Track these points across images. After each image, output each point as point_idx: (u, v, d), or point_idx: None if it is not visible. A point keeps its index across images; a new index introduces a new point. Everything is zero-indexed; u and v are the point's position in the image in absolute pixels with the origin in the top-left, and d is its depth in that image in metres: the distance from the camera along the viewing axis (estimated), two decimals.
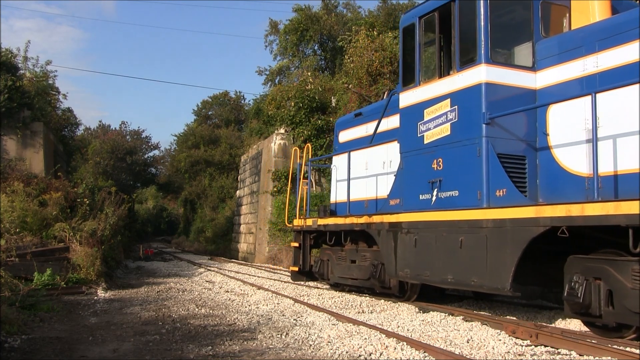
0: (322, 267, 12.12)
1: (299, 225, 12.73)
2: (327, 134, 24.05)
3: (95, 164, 37.25)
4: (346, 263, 11.29)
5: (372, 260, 10.33)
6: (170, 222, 71.31)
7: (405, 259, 8.94)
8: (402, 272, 9.03)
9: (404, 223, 9.00)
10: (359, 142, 11.87)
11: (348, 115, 13.74)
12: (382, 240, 9.63)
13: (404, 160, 9.29)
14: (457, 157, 8.12)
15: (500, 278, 7.10)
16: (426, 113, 8.77)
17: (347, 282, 11.35)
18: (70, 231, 13.57)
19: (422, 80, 9.00)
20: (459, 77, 8.19)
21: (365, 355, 5.93)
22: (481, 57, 7.84)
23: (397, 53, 20.56)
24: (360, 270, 10.73)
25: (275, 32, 32.78)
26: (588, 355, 5.89)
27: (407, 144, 9.25)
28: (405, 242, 8.94)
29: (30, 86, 21.29)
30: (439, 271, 8.16)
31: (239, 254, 29.93)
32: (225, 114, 52.30)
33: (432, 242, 8.32)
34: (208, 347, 6.33)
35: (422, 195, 8.76)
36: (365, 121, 11.94)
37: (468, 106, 7.98)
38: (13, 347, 6.33)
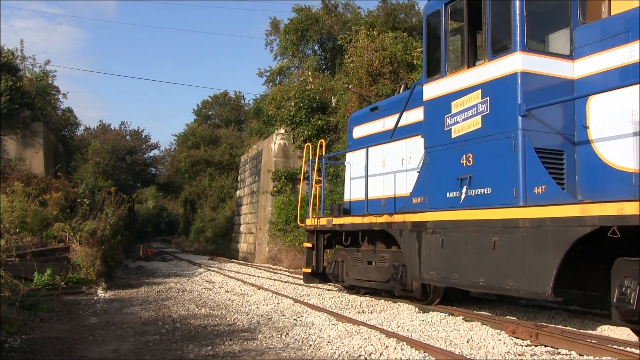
0: (337, 268, 11.62)
1: (312, 224, 12.19)
2: (327, 134, 24.04)
3: (96, 164, 37.26)
4: (362, 264, 10.82)
5: (392, 261, 9.86)
6: (170, 222, 71.34)
7: (430, 260, 8.43)
8: (427, 275, 8.49)
9: (429, 222, 8.49)
10: (375, 137, 11.29)
11: (363, 110, 13.07)
12: (404, 241, 9.11)
13: (429, 155, 8.75)
14: (490, 151, 7.62)
15: (540, 282, 6.60)
16: (453, 105, 8.25)
17: (364, 285, 10.91)
18: (70, 231, 13.58)
19: (448, 70, 8.49)
20: (490, 67, 7.69)
21: (365, 355, 5.93)
22: (516, 44, 7.33)
23: (397, 53, 20.59)
24: (378, 272, 10.28)
25: (275, 32, 32.78)
26: (588, 355, 5.89)
27: (432, 139, 8.71)
28: (431, 243, 8.42)
29: (30, 86, 21.31)
30: (468, 274, 7.65)
31: (239, 254, 29.93)
32: (225, 114, 52.31)
33: (461, 242, 7.80)
34: (208, 347, 6.33)
35: (449, 193, 8.22)
36: (382, 115, 11.35)
37: (501, 97, 7.50)
38: (13, 347, 6.33)
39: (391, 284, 9.88)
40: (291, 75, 31.70)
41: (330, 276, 11.84)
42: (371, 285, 10.65)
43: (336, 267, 11.61)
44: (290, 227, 23.17)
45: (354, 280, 11.13)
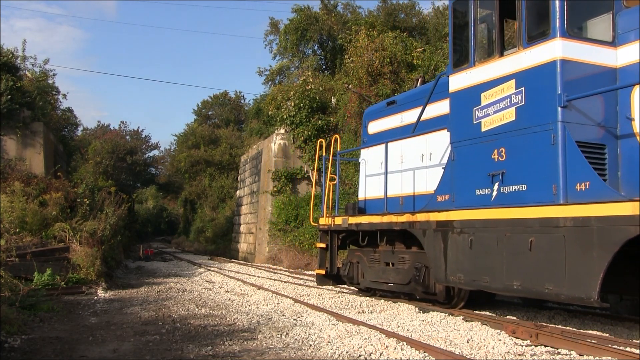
0: (352, 270, 11.11)
1: (326, 224, 11.63)
2: (327, 134, 24.03)
3: (96, 164, 37.24)
4: (380, 266, 10.31)
5: (413, 263, 9.37)
6: (170, 222, 71.35)
7: (458, 262, 7.91)
8: (453, 277, 7.98)
9: (457, 222, 8.00)
10: (393, 132, 10.77)
11: (379, 104, 12.59)
12: (428, 241, 8.59)
13: (456, 150, 8.24)
14: (525, 145, 7.13)
15: (584, 286, 6.12)
16: (484, 97, 7.79)
17: (381, 287, 10.45)
18: (70, 231, 13.58)
19: (477, 60, 8.00)
20: (526, 55, 7.23)
21: (365, 355, 5.93)
22: (556, 30, 6.86)
23: (397, 53, 20.60)
24: (397, 274, 9.80)
25: (275, 32, 32.78)
26: (588, 355, 5.89)
27: (460, 133, 8.20)
28: (458, 243, 7.92)
29: (31, 86, 21.31)
30: (501, 277, 7.16)
31: (239, 254, 29.93)
32: (225, 114, 52.32)
33: (493, 243, 7.31)
34: (208, 347, 6.33)
35: (479, 190, 7.74)
36: (400, 110, 10.82)
37: (538, 87, 7.02)
38: (13, 347, 6.33)
39: (412, 286, 9.42)
40: (291, 75, 31.70)
41: (344, 278, 11.38)
42: (389, 288, 10.17)
43: (351, 268, 11.13)
44: (290, 227, 23.18)
45: (371, 283, 10.67)
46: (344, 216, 11.11)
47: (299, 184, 24.83)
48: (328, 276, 11.64)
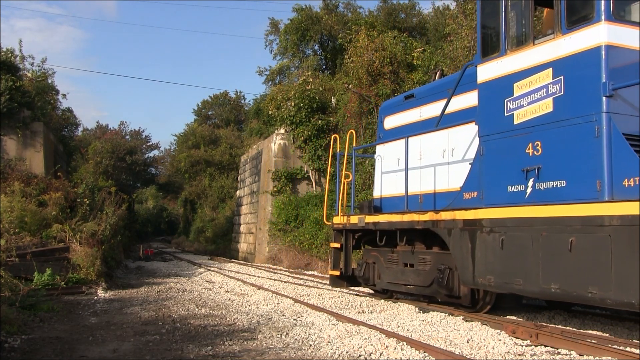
0: (367, 270, 10.64)
1: (341, 223, 11.09)
2: (326, 134, 24.05)
3: (96, 164, 37.28)
4: (398, 267, 9.84)
5: (435, 264, 8.92)
6: (170, 222, 71.39)
7: (487, 263, 7.44)
8: (482, 280, 7.50)
9: (486, 220, 7.52)
10: (411, 127, 10.27)
11: (396, 98, 12.03)
12: (454, 242, 8.12)
13: (485, 145, 7.75)
14: (564, 138, 6.67)
15: (634, 290, 5.69)
16: (516, 87, 7.32)
17: (399, 289, 9.99)
18: (70, 231, 13.58)
19: (509, 48, 7.52)
20: (565, 41, 6.74)
21: (365, 355, 5.93)
22: (600, 13, 6.39)
23: (397, 53, 20.57)
24: (418, 276, 9.32)
25: (275, 32, 32.79)
26: (588, 355, 5.89)
27: (489, 126, 7.71)
28: (488, 244, 7.45)
29: (30, 86, 21.31)
30: (536, 279, 6.70)
31: (239, 254, 29.94)
32: (225, 114, 52.35)
33: (527, 243, 6.86)
34: (208, 347, 6.33)
35: (511, 187, 7.27)
36: (420, 104, 10.32)
37: (580, 76, 6.55)
38: (13, 347, 6.33)
39: (434, 288, 8.95)
40: (291, 75, 31.72)
41: (360, 279, 10.91)
42: (409, 290, 9.73)
43: (367, 269, 10.67)
44: (290, 227, 23.19)
45: (388, 284, 10.21)
46: (360, 215, 10.60)
47: (299, 184, 24.84)
48: (342, 277, 11.16)
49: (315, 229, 21.29)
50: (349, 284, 11.34)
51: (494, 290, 7.88)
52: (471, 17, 17.60)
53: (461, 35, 17.61)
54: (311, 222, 21.66)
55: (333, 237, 11.44)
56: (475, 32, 16.90)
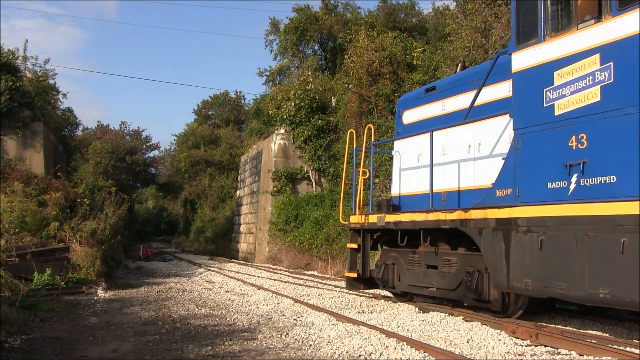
0: (386, 272, 10.12)
1: (359, 222, 10.56)
2: (326, 133, 24.06)
3: (96, 164, 37.27)
4: (420, 269, 9.34)
5: (461, 266, 8.43)
6: (170, 222, 71.40)
7: (524, 266, 6.93)
8: (518, 283, 6.99)
9: (522, 219, 7.03)
10: (432, 122, 9.78)
11: (416, 91, 11.47)
12: (485, 242, 7.59)
13: (522, 138, 7.23)
14: (614, 130, 6.17)
15: None
16: (557, 76, 6.80)
17: (421, 292, 9.48)
18: (70, 231, 13.59)
19: (548, 33, 6.99)
20: (616, 24, 6.24)
21: (365, 355, 5.93)
22: None
23: (396, 53, 20.57)
24: (443, 278, 8.81)
25: (275, 32, 32.82)
26: (588, 355, 5.89)
27: (526, 118, 7.19)
28: (524, 244, 6.94)
29: (31, 86, 21.31)
30: (582, 283, 6.23)
31: (239, 254, 29.95)
32: (226, 114, 52.39)
33: (571, 244, 6.37)
34: (208, 347, 6.33)
35: (551, 183, 6.76)
36: (442, 97, 9.82)
37: (633, 61, 6.03)
38: (13, 347, 6.33)
39: (460, 292, 8.45)
40: (291, 75, 31.74)
41: (378, 281, 10.37)
42: (432, 293, 9.22)
43: (386, 270, 10.14)
44: (290, 227, 23.20)
45: (409, 287, 9.68)
46: (379, 214, 10.04)
47: (299, 184, 24.85)
48: (359, 280, 10.64)
49: (315, 229, 21.29)
50: (366, 287, 10.80)
51: (532, 295, 7.27)
52: (471, 17, 17.60)
53: (461, 35, 17.61)
54: (311, 222, 21.67)
55: (349, 237, 10.94)
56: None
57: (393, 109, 20.14)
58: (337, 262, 18.30)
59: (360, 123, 21.16)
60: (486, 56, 16.62)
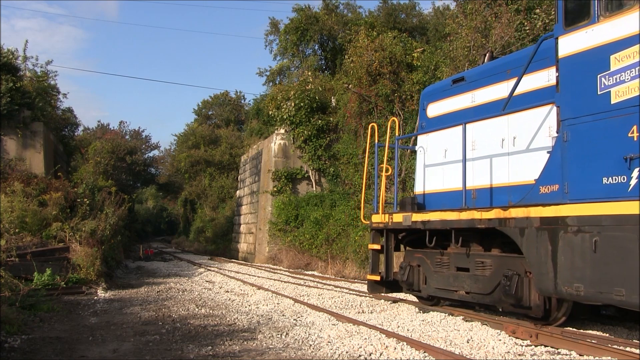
0: (411, 275, 9.52)
1: (382, 222, 9.90)
2: (326, 133, 24.06)
3: (96, 164, 37.29)
4: (450, 271, 8.73)
5: (497, 269, 7.83)
6: (170, 222, 71.40)
7: (574, 269, 6.35)
8: (568, 288, 6.41)
9: (572, 218, 6.43)
10: (461, 114, 9.19)
11: (441, 83, 10.79)
12: (528, 243, 7.01)
13: (571, 129, 6.68)
14: None
15: None
16: (614, 60, 6.25)
17: (451, 296, 8.87)
18: (70, 231, 13.60)
19: (603, 13, 6.43)
20: None
21: (365, 355, 5.93)
22: None
23: (396, 53, 20.56)
24: (475, 282, 8.19)
25: (275, 32, 32.82)
26: (588, 355, 5.89)
27: (576, 107, 6.63)
28: (575, 245, 6.35)
29: (31, 86, 21.31)
30: None
31: (239, 254, 29.95)
32: (226, 114, 52.41)
33: (631, 245, 5.84)
34: (208, 347, 6.33)
35: (607, 178, 6.20)
36: (471, 88, 9.24)
37: None
38: (13, 347, 6.33)
39: (496, 297, 7.86)
40: (291, 75, 31.74)
41: (403, 284, 9.76)
42: (462, 298, 8.62)
43: (411, 273, 9.53)
44: (290, 227, 23.20)
45: (437, 290, 9.07)
46: (405, 212, 9.43)
47: (299, 184, 24.85)
48: (381, 283, 10.05)
49: (315, 229, 21.30)
50: (388, 290, 10.20)
51: (584, 301, 6.73)
52: (471, 17, 17.59)
53: (461, 35, 17.60)
54: (311, 222, 21.68)
55: (371, 237, 10.30)
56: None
57: (393, 108, 20.15)
58: (337, 262, 18.31)
59: (360, 123, 21.17)
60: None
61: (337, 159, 23.15)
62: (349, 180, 21.56)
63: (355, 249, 17.53)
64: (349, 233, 19.00)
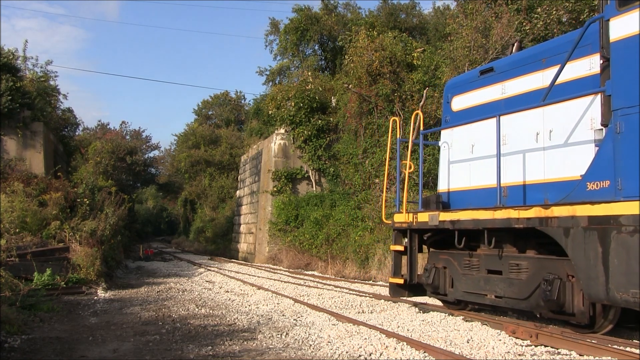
0: (437, 277, 8.95)
1: (405, 221, 9.33)
2: (326, 133, 24.06)
3: (96, 164, 37.29)
4: (480, 274, 8.18)
5: (535, 272, 7.29)
6: (170, 222, 71.41)
7: (630, 274, 5.82)
8: (622, 294, 5.87)
9: (626, 217, 5.87)
10: (489, 107, 8.65)
11: (468, 74, 10.26)
12: (574, 244, 6.44)
13: (625, 120, 6.21)
14: None
15: None
16: None
17: (481, 301, 8.25)
18: (70, 231, 13.60)
19: None
20: None
21: (365, 355, 5.93)
22: None
23: (396, 53, 20.57)
24: (509, 286, 7.65)
25: (275, 32, 32.83)
26: (588, 355, 5.88)
27: (631, 95, 6.13)
28: (630, 248, 5.82)
29: (31, 86, 21.32)
30: None
31: (239, 254, 29.95)
32: (226, 114, 52.45)
33: None
34: (208, 347, 6.33)
35: None
36: (501, 79, 8.67)
37: None
38: (13, 347, 6.33)
39: (533, 302, 7.31)
40: (291, 75, 31.75)
41: (427, 287, 9.19)
42: (494, 302, 8.03)
43: (437, 275, 8.97)
44: (290, 227, 23.21)
45: (464, 294, 8.52)
46: (431, 212, 8.91)
47: (299, 184, 24.85)
48: (403, 286, 9.50)
49: (315, 229, 21.30)
50: (411, 293, 9.63)
51: None
52: (471, 17, 17.60)
53: (461, 35, 17.61)
54: (311, 222, 21.68)
55: (393, 238, 9.71)
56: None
57: (393, 108, 20.15)
58: (337, 262, 18.31)
59: (360, 123, 21.17)
60: (486, 56, 16.63)
61: (337, 159, 23.16)
62: (349, 180, 21.56)
63: (355, 249, 17.53)
64: (349, 233, 19.01)
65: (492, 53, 16.55)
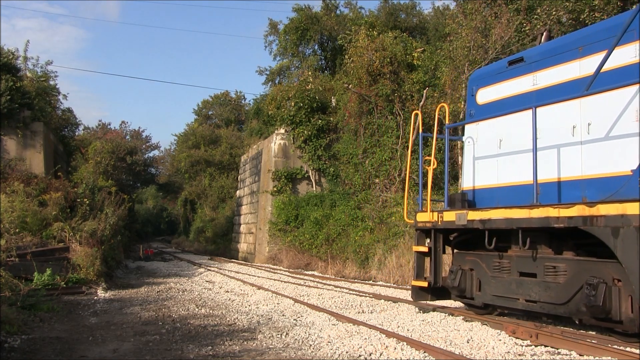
0: (463, 280, 8.38)
1: (430, 221, 8.78)
2: (326, 133, 24.07)
3: (96, 164, 37.30)
4: (511, 277, 7.65)
5: (575, 275, 6.77)
6: (170, 222, 71.41)
7: None
8: None
9: None
10: (519, 100, 8.14)
11: (495, 65, 9.64)
12: (624, 245, 5.91)
13: None
14: None
15: None
16: None
17: (513, 305, 7.70)
18: (70, 231, 13.60)
19: None
20: None
21: (365, 355, 5.93)
22: None
23: (397, 53, 20.57)
24: (545, 290, 7.13)
25: (274, 33, 32.84)
26: (588, 355, 5.88)
27: None
28: None
29: (31, 86, 21.33)
30: None
31: (239, 254, 29.95)
32: (226, 113, 52.47)
33: None
34: (208, 347, 6.33)
35: None
36: (532, 69, 8.09)
37: None
38: (13, 347, 6.33)
39: (573, 307, 6.79)
40: (291, 75, 31.75)
41: (453, 290, 8.58)
42: (528, 307, 7.46)
43: (463, 278, 8.40)
44: (290, 227, 23.21)
45: (494, 298, 7.98)
46: (458, 210, 8.35)
47: (299, 183, 24.86)
48: (426, 289, 8.94)
49: (315, 229, 21.31)
50: (434, 297, 9.05)
51: None
52: (471, 17, 17.60)
53: (461, 35, 17.61)
54: (311, 222, 21.68)
55: (415, 238, 9.15)
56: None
57: (393, 108, 20.16)
58: (337, 262, 18.32)
59: (360, 123, 21.17)
60: (486, 56, 16.64)
61: (337, 159, 23.16)
62: (348, 180, 21.56)
63: (355, 249, 17.53)
64: (349, 233, 19.01)
65: (492, 53, 16.54)
